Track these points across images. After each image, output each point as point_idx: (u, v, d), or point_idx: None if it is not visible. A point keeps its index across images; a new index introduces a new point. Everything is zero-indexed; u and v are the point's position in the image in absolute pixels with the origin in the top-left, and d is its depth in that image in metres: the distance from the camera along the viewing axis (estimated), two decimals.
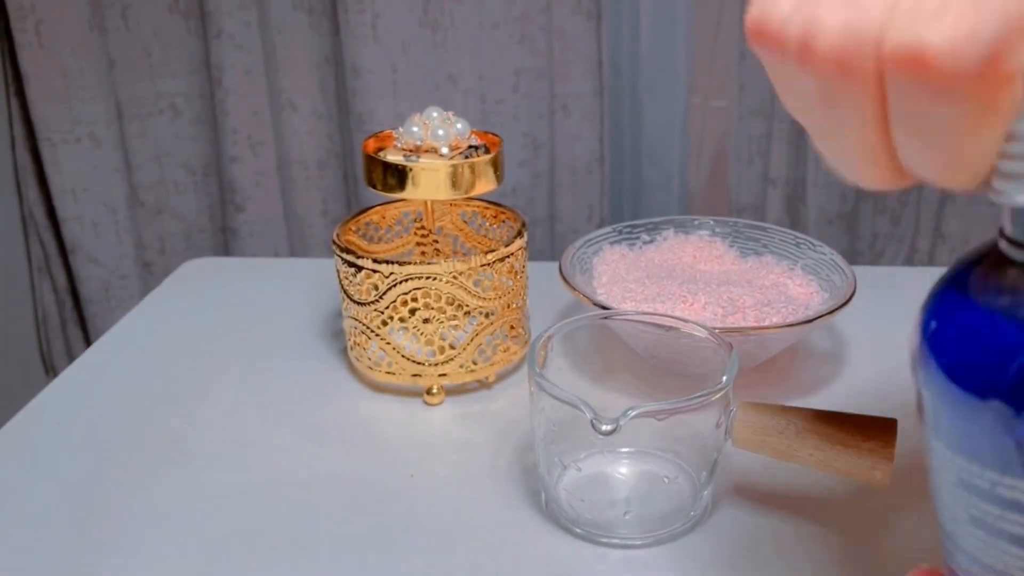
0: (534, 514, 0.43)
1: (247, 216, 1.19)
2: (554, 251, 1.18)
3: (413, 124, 0.51)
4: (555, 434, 0.41)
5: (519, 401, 0.52)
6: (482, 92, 1.12)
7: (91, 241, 1.16)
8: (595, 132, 1.14)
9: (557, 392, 0.39)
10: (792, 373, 0.54)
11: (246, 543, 0.42)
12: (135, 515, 0.43)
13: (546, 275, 0.57)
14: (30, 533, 0.42)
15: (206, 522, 0.43)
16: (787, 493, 0.44)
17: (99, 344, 0.60)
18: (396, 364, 0.51)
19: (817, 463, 0.39)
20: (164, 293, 0.68)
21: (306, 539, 0.42)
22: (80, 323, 1.24)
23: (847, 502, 0.43)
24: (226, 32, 1.10)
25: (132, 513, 0.44)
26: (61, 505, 0.44)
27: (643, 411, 0.37)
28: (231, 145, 1.15)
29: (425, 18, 1.08)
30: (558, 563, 0.40)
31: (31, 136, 1.14)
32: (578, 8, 1.08)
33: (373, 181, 0.50)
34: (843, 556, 0.40)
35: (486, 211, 0.58)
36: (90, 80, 1.09)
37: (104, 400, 0.54)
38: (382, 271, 0.49)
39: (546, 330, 0.43)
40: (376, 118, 1.10)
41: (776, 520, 0.42)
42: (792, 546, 0.41)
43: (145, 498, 0.45)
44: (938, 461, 0.26)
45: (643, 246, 0.59)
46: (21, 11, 1.05)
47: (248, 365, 0.57)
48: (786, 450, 0.39)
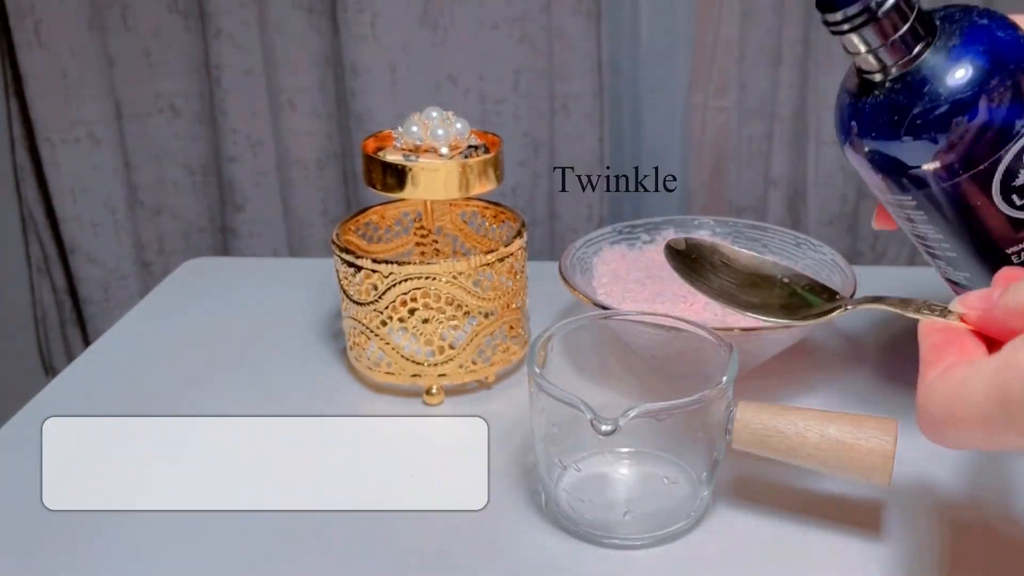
0: (534, 514, 0.43)
1: (246, 216, 1.19)
2: (554, 251, 1.18)
3: (413, 124, 0.51)
4: (555, 434, 0.41)
5: (519, 401, 0.52)
6: (482, 92, 1.12)
7: (90, 241, 1.16)
8: (595, 132, 1.14)
9: (557, 392, 0.38)
10: (792, 373, 0.54)
11: (245, 542, 0.42)
12: (135, 515, 0.43)
13: (546, 275, 0.57)
14: (30, 533, 0.42)
15: (205, 522, 0.43)
16: (787, 493, 0.44)
17: (98, 344, 0.60)
18: (395, 364, 0.51)
19: (817, 463, 0.39)
20: (163, 293, 0.68)
21: (305, 538, 0.42)
22: (79, 323, 1.24)
23: (847, 502, 0.43)
24: (225, 32, 1.10)
25: (131, 512, 0.43)
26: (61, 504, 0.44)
27: (643, 411, 0.37)
28: (230, 145, 1.15)
29: (425, 18, 1.08)
30: (558, 563, 0.40)
31: (30, 136, 1.13)
32: (578, 8, 1.08)
33: (373, 181, 0.50)
34: (843, 556, 0.40)
35: (486, 211, 0.58)
36: (89, 80, 1.09)
37: (103, 400, 0.53)
38: (381, 271, 0.49)
39: (546, 330, 0.43)
40: (376, 118, 1.10)
41: (776, 520, 0.42)
42: (792, 546, 0.40)
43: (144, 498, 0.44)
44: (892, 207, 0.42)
45: (643, 246, 0.59)
46: (20, 11, 1.05)
47: (247, 365, 0.57)
48: (786, 450, 0.39)
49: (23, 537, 0.42)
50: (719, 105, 1.16)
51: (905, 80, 0.37)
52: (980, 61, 0.36)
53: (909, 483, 0.43)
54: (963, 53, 0.36)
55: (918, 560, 0.40)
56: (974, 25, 0.37)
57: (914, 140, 0.37)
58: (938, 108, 0.36)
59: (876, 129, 0.38)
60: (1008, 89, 0.36)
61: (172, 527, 0.43)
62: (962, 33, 0.37)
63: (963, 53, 0.36)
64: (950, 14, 0.38)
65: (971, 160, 0.37)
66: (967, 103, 0.36)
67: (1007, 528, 0.41)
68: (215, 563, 0.41)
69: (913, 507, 0.43)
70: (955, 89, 0.36)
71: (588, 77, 1.11)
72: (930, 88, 0.37)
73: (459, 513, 0.43)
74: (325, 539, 0.42)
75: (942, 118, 0.36)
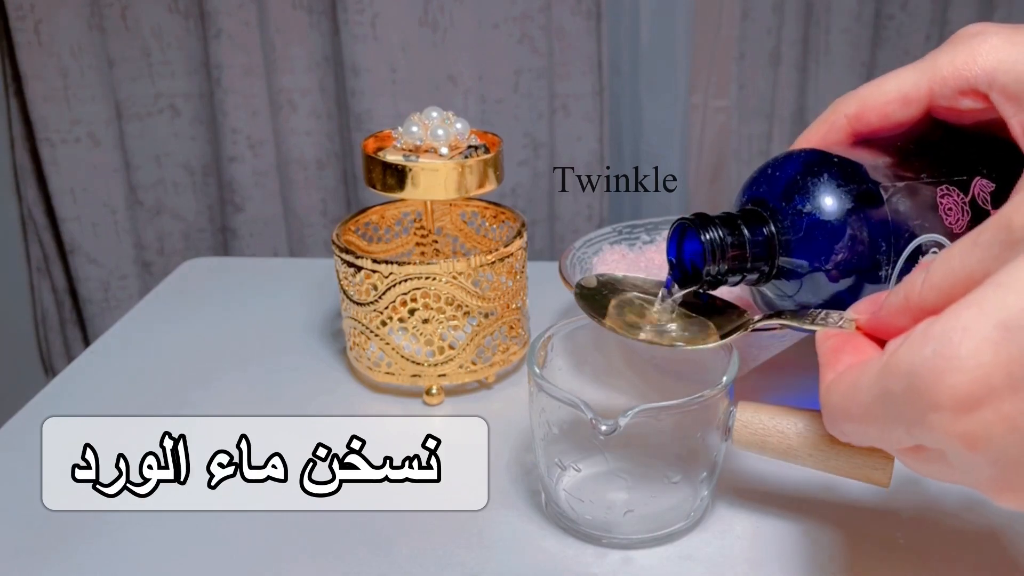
0: (534, 514, 0.43)
1: (246, 216, 1.19)
2: (554, 251, 1.18)
3: (413, 124, 0.51)
4: (555, 435, 0.41)
5: (519, 401, 0.52)
6: (482, 92, 1.12)
7: (90, 241, 1.16)
8: (595, 132, 1.14)
9: (557, 392, 0.38)
10: (792, 373, 0.54)
11: (245, 542, 0.42)
12: (134, 514, 0.43)
13: (546, 275, 0.57)
14: (30, 532, 0.42)
15: (205, 522, 0.43)
16: (787, 493, 0.44)
17: (98, 344, 0.60)
18: (395, 364, 0.51)
19: (817, 463, 0.39)
20: (163, 293, 0.68)
21: (305, 538, 0.42)
22: (79, 323, 1.24)
23: (847, 502, 0.43)
24: (225, 32, 1.10)
25: (131, 512, 0.43)
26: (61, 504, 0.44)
27: (643, 411, 0.37)
28: (230, 145, 1.15)
29: (425, 18, 1.08)
30: (558, 563, 0.40)
31: (30, 136, 1.13)
32: (578, 8, 1.08)
33: (373, 181, 0.50)
34: (843, 556, 0.40)
35: (486, 211, 0.58)
36: (89, 80, 1.09)
37: (103, 400, 0.53)
38: (381, 271, 0.49)
39: (546, 330, 0.43)
40: (376, 118, 1.10)
41: (776, 520, 0.42)
42: (792, 546, 0.40)
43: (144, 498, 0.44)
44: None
45: (643, 246, 0.59)
46: (21, 11, 1.05)
47: (247, 365, 0.57)
48: (786, 450, 0.39)
49: (23, 537, 0.42)
50: (719, 105, 1.16)
51: (782, 270, 0.39)
52: (831, 215, 0.38)
53: (909, 484, 0.43)
54: (812, 221, 0.38)
55: (918, 560, 0.40)
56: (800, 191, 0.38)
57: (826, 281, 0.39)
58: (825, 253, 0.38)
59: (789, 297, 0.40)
60: (861, 214, 0.37)
61: (172, 527, 0.43)
62: (794, 210, 0.38)
63: (812, 221, 0.38)
64: (768, 203, 0.40)
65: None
66: (841, 234, 0.37)
67: (1007, 529, 0.41)
68: (215, 563, 0.41)
69: (913, 508, 0.43)
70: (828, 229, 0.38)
71: (588, 77, 1.11)
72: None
73: (459, 513, 0.43)
74: (325, 539, 0.42)
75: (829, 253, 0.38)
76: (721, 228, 0.38)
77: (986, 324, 0.23)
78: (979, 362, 0.23)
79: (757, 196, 0.40)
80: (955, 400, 0.23)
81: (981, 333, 0.23)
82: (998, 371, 0.23)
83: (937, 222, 0.38)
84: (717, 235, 0.38)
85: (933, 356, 0.24)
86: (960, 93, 0.37)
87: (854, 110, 0.40)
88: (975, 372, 0.23)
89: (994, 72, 0.36)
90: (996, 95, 0.36)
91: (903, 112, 0.39)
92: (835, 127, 0.40)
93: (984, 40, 0.36)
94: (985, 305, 0.23)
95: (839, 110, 0.40)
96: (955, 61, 0.37)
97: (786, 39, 1.09)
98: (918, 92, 0.38)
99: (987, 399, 0.23)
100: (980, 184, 0.40)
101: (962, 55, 0.37)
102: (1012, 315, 0.22)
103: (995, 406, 0.23)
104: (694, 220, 0.39)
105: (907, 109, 0.39)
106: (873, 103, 0.39)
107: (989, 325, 0.23)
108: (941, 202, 0.39)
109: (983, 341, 0.23)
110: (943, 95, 0.38)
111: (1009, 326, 0.22)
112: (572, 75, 1.11)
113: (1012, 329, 0.22)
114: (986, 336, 0.23)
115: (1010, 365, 0.22)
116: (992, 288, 0.23)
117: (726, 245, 0.38)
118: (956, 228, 0.39)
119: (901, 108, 0.39)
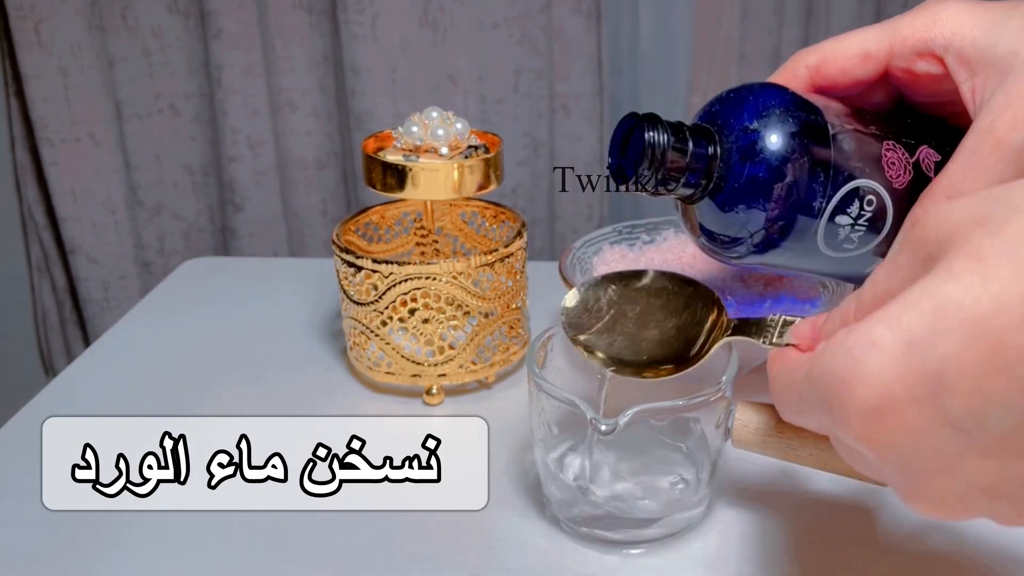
0: (534, 514, 0.43)
1: (246, 216, 1.19)
2: (554, 251, 1.18)
3: (413, 124, 0.51)
4: (554, 435, 0.41)
5: (519, 401, 0.52)
6: (482, 92, 1.12)
7: (90, 241, 1.16)
8: (595, 132, 1.14)
9: (556, 392, 0.39)
10: None
11: (245, 542, 0.42)
12: (134, 515, 0.43)
13: (546, 275, 0.57)
14: (30, 532, 0.42)
15: (205, 522, 0.43)
16: (787, 493, 0.44)
17: (98, 344, 0.60)
18: (396, 364, 0.51)
19: (817, 463, 0.39)
20: (163, 293, 0.68)
21: (304, 538, 0.42)
22: (79, 323, 1.24)
23: (847, 502, 0.43)
24: (225, 31, 1.10)
25: (131, 512, 0.43)
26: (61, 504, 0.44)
27: (643, 411, 0.37)
28: (230, 145, 1.15)
29: (425, 18, 1.08)
30: (558, 563, 0.40)
31: (30, 136, 1.13)
32: (578, 8, 1.08)
33: (373, 181, 0.50)
34: (843, 556, 0.40)
35: (486, 211, 0.58)
36: (89, 80, 1.09)
37: (103, 400, 0.53)
38: (381, 271, 0.49)
39: (546, 330, 0.43)
40: (376, 118, 1.10)
41: (776, 520, 0.42)
42: (792, 546, 0.40)
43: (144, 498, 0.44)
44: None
45: (643, 246, 0.59)
46: (21, 11, 1.05)
47: (247, 366, 0.57)
48: (786, 450, 0.39)
49: (23, 537, 0.42)
50: None
51: (718, 187, 0.39)
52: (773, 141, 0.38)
53: None
54: (757, 135, 0.38)
55: (918, 560, 0.40)
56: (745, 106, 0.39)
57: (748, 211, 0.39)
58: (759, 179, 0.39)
59: (716, 224, 0.41)
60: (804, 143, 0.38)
61: (172, 527, 0.43)
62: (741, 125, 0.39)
63: (757, 135, 0.38)
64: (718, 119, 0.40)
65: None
66: (783, 155, 0.38)
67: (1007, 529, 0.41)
68: (215, 563, 0.41)
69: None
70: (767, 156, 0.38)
71: (588, 77, 1.11)
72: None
73: (459, 513, 0.43)
74: (325, 539, 0.42)
75: (765, 187, 0.39)
76: (667, 132, 0.38)
77: (892, 340, 0.24)
78: (883, 378, 0.24)
79: (708, 114, 0.41)
80: (862, 411, 0.25)
81: (887, 349, 0.24)
82: (901, 385, 0.24)
83: (878, 172, 0.39)
84: (661, 138, 0.38)
85: (843, 368, 0.25)
86: (918, 55, 0.38)
87: (815, 61, 0.41)
88: (880, 387, 0.24)
89: (952, 36, 0.37)
90: (951, 59, 0.37)
91: (862, 68, 0.40)
92: (796, 76, 0.41)
93: (947, 6, 0.38)
94: (892, 322, 0.24)
95: (800, 60, 0.41)
96: (916, 23, 0.38)
97: (786, 39, 1.09)
98: (878, 49, 0.39)
99: (891, 410, 0.24)
100: (926, 151, 0.41)
101: (924, 18, 0.38)
102: (915, 333, 0.23)
103: (898, 418, 0.24)
104: (644, 117, 0.39)
105: (866, 65, 0.40)
106: (834, 56, 0.40)
107: (895, 341, 0.24)
108: (885, 154, 0.39)
109: (888, 356, 0.24)
110: (901, 55, 0.39)
111: (912, 343, 0.23)
112: (572, 75, 1.11)
113: (914, 345, 0.23)
114: (891, 351, 0.24)
115: (912, 379, 0.24)
116: (900, 306, 0.24)
117: (667, 148, 0.38)
118: (896, 183, 0.39)
119: (860, 63, 0.40)
